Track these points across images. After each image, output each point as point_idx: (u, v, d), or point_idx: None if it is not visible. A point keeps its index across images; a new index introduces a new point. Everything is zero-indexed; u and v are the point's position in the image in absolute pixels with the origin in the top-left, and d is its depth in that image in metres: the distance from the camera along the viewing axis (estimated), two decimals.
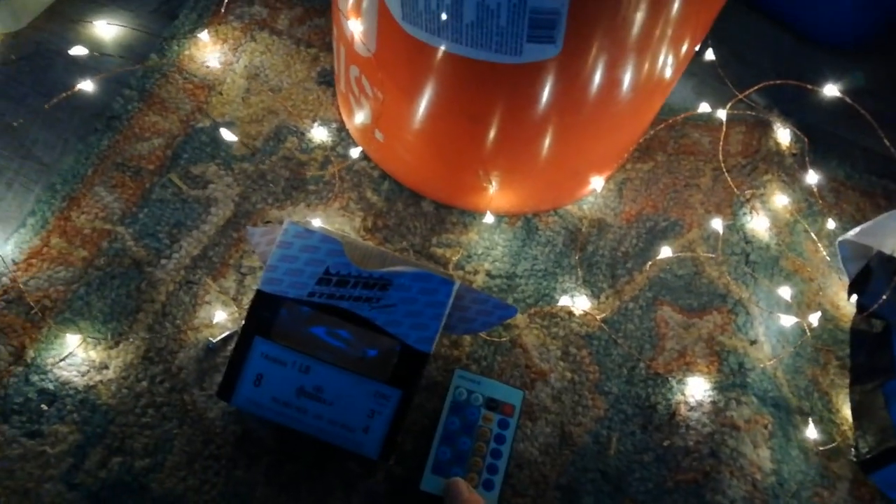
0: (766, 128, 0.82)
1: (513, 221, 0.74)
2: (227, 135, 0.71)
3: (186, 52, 0.78)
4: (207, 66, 0.78)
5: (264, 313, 0.54)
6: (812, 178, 0.78)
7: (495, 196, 0.71)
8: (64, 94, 0.68)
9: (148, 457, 0.58)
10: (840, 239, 0.68)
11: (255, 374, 0.54)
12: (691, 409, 0.66)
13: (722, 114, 0.78)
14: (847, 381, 0.69)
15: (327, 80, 0.80)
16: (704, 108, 0.76)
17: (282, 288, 0.54)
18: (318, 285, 0.54)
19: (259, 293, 0.54)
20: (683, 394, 0.66)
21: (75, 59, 0.75)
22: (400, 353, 0.54)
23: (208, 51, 0.79)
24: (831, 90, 0.73)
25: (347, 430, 0.54)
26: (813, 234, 0.77)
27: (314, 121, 0.76)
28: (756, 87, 0.77)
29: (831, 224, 0.78)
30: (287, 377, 0.54)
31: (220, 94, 0.77)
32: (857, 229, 0.66)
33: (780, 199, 0.77)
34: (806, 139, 0.79)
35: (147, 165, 0.71)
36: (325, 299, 0.53)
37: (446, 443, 0.59)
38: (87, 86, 0.69)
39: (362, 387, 0.54)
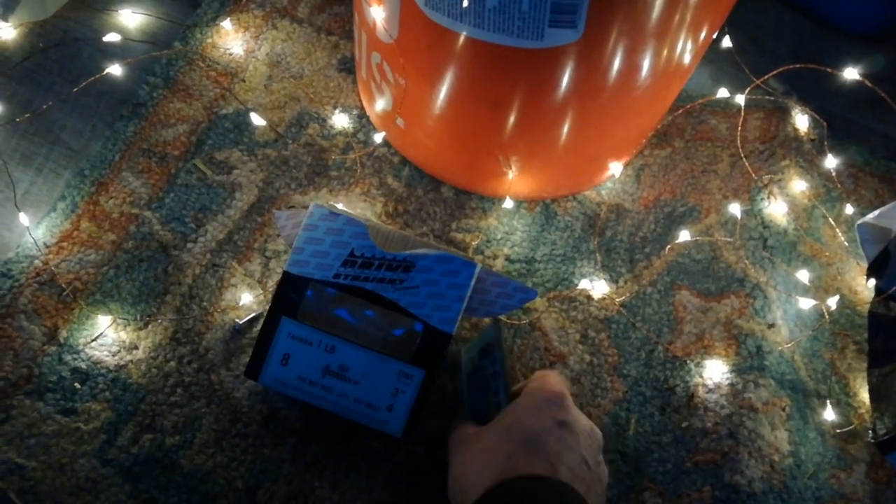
0: (785, 113, 0.82)
1: (532, 207, 0.75)
2: (257, 119, 0.72)
3: (209, 40, 0.79)
4: (230, 54, 0.79)
5: (291, 294, 0.55)
6: (830, 163, 0.78)
7: (514, 182, 0.72)
8: (92, 78, 0.69)
9: (178, 434, 0.59)
10: (859, 221, 0.68)
11: (282, 353, 0.55)
12: (709, 391, 0.66)
13: (740, 99, 0.78)
14: (864, 364, 0.70)
15: (348, 67, 0.80)
16: (723, 93, 0.76)
17: (308, 269, 0.55)
18: (344, 267, 0.55)
19: (286, 274, 0.55)
20: (702, 376, 0.67)
21: (101, 47, 0.76)
22: (423, 333, 0.55)
23: (230, 38, 0.80)
24: (851, 73, 0.73)
25: (372, 408, 0.55)
26: (831, 220, 0.77)
27: (335, 107, 0.77)
28: (774, 73, 0.78)
29: (849, 209, 0.78)
30: (313, 356, 0.55)
31: (243, 81, 0.78)
32: (876, 212, 0.66)
33: (798, 185, 0.78)
34: (825, 124, 0.79)
35: (172, 151, 0.72)
36: (350, 281, 0.55)
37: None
38: (114, 69, 0.70)
39: (386, 366, 0.55)
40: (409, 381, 0.55)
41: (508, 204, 0.74)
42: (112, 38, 0.72)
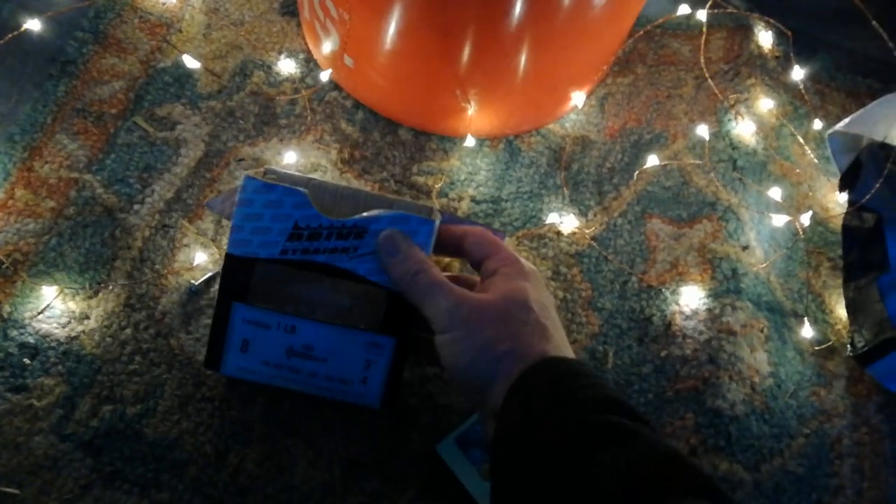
0: (748, 31, 0.80)
1: (494, 144, 0.72)
2: (191, 62, 0.67)
3: None
4: (163, 3, 0.74)
5: (238, 277, 0.50)
6: (798, 74, 0.77)
7: (474, 118, 0.69)
8: (11, 35, 0.64)
9: (139, 403, 0.56)
10: (830, 131, 0.66)
11: (240, 340, 0.51)
12: (687, 318, 0.65)
13: (701, 15, 0.75)
14: (839, 281, 0.69)
15: (290, 10, 0.76)
16: (684, 10, 0.73)
17: (251, 249, 0.49)
18: (290, 241, 0.50)
19: (228, 257, 0.50)
20: (678, 304, 0.66)
21: (21, 2, 0.71)
22: (387, 300, 0.51)
23: None
24: None
25: (345, 383, 0.52)
26: (800, 138, 0.76)
27: (280, 53, 0.73)
28: None
29: (817, 125, 0.77)
30: (274, 339, 0.51)
31: (180, 31, 0.73)
32: (847, 119, 0.64)
33: (765, 104, 0.76)
34: (790, 34, 0.76)
35: (109, 110, 0.68)
36: (300, 255, 0.50)
37: None
38: (35, 24, 0.65)
39: (354, 339, 0.51)
40: (380, 351, 0.51)
41: (470, 142, 0.71)
42: None
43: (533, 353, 0.43)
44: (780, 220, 0.69)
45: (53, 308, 0.59)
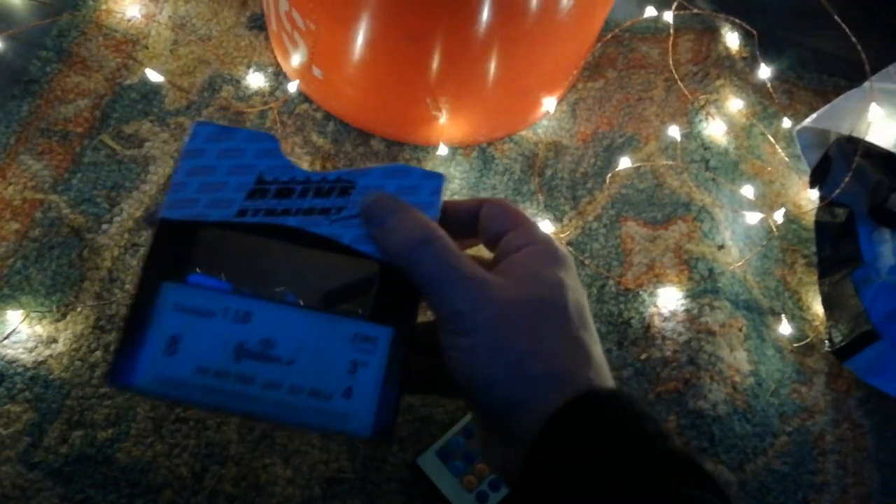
0: (715, 33, 0.81)
1: (468, 153, 0.72)
2: (154, 76, 0.66)
3: (104, 7, 0.73)
4: (128, 20, 0.73)
5: (173, 247, 0.35)
6: (764, 73, 0.77)
7: (447, 126, 0.68)
8: None
9: (111, 427, 0.55)
10: (798, 127, 0.67)
11: (167, 336, 0.33)
12: (665, 319, 0.65)
13: (668, 17, 0.76)
14: (814, 278, 0.69)
15: (258, 24, 0.75)
16: (650, 12, 0.74)
17: (196, 210, 0.35)
18: (251, 200, 0.36)
19: (163, 223, 0.35)
20: (656, 305, 0.65)
21: None
22: (381, 276, 0.36)
23: (127, 3, 0.74)
24: None
25: (320, 397, 0.34)
26: (770, 136, 0.76)
27: (249, 67, 0.72)
28: None
29: (786, 124, 0.77)
30: (218, 333, 0.34)
31: (146, 48, 0.72)
32: (814, 115, 0.65)
33: (735, 104, 0.76)
34: (756, 33, 0.77)
35: (75, 129, 0.67)
36: (263, 217, 0.36)
37: (465, 434, 0.56)
38: None
39: (334, 329, 0.35)
40: (371, 347, 0.35)
41: (443, 151, 0.70)
42: None
43: (575, 379, 0.32)
44: (753, 218, 0.69)
45: (19, 333, 0.57)
